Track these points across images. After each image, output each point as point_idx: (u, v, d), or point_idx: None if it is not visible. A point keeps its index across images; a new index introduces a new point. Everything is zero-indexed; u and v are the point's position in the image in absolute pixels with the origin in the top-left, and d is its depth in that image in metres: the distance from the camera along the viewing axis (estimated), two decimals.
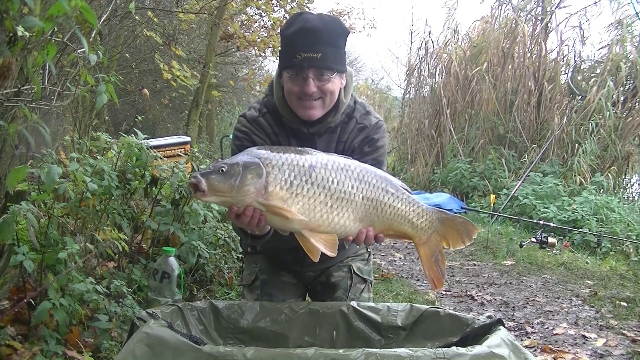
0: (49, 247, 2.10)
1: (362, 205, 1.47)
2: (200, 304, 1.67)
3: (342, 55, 1.69)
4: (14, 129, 1.88)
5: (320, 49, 1.60)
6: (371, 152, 1.82)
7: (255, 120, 1.81)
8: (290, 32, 1.65)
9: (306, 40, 1.60)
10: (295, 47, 1.62)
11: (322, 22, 1.63)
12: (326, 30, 1.62)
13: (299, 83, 1.65)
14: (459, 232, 1.62)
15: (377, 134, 1.83)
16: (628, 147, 7.74)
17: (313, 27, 1.61)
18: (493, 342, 1.34)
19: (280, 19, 8.99)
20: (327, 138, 1.80)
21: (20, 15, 1.88)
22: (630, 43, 8.24)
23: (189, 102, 9.07)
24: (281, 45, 1.72)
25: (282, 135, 1.80)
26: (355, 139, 1.82)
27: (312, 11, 10.31)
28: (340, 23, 1.70)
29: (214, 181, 1.36)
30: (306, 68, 1.62)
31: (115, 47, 6.47)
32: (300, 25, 1.62)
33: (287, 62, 1.66)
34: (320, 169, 1.43)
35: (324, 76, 1.64)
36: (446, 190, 8.81)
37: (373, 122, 1.84)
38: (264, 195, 1.38)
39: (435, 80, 10.58)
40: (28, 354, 1.89)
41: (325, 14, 1.69)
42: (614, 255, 5.52)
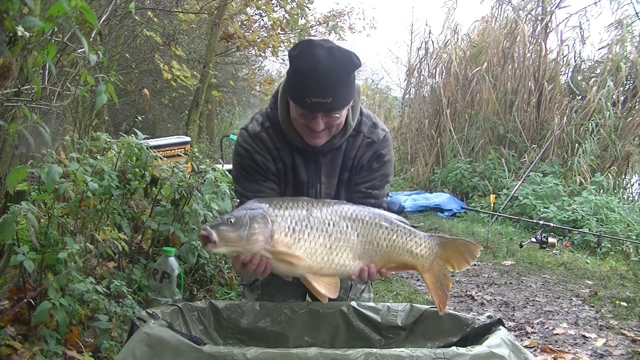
0: (49, 247, 2.10)
1: (359, 242, 1.52)
2: (200, 304, 1.67)
3: (352, 89, 1.63)
4: (14, 129, 1.88)
5: (330, 93, 1.54)
6: (379, 167, 1.81)
7: (257, 135, 1.76)
8: (300, 72, 1.57)
9: (316, 84, 1.53)
10: (305, 90, 1.55)
11: (333, 62, 1.54)
12: (337, 71, 1.54)
13: (307, 118, 1.61)
14: (461, 253, 1.62)
15: (385, 148, 1.82)
16: (628, 147, 7.74)
17: (324, 70, 1.52)
18: (493, 342, 1.34)
19: (280, 18, 8.99)
20: (332, 156, 1.77)
21: (20, 15, 1.88)
22: (630, 43, 8.24)
23: (189, 102, 9.08)
24: (289, 73, 1.63)
25: (285, 151, 1.77)
26: (364, 155, 1.79)
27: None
28: (350, 58, 1.59)
29: (224, 232, 1.42)
30: (315, 111, 1.58)
31: (115, 47, 6.47)
32: (310, 66, 1.53)
33: (295, 99, 1.61)
34: (317, 214, 1.50)
35: (332, 116, 1.61)
36: (446, 190, 8.81)
37: (381, 136, 1.81)
38: (270, 243, 1.45)
39: (435, 80, 10.58)
40: (28, 354, 1.89)
41: (336, 47, 1.57)
42: (614, 255, 5.52)
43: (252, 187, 1.78)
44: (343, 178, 1.83)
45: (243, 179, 1.80)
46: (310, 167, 1.79)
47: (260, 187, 1.77)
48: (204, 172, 3.10)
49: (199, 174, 3.08)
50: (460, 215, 7.74)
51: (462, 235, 6.56)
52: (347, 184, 1.84)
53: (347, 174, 1.82)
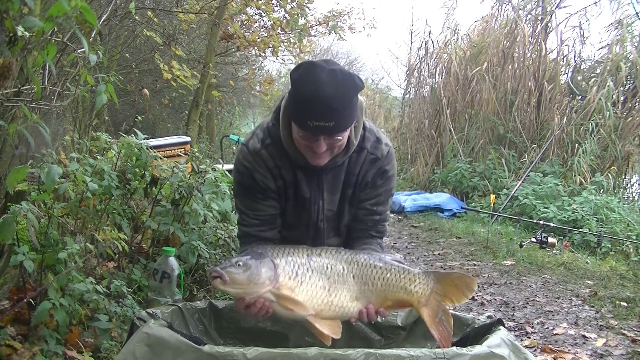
0: (49, 247, 2.10)
1: (355, 284, 1.57)
2: (200, 304, 1.67)
3: (354, 111, 1.62)
4: (14, 129, 1.88)
5: (332, 117, 1.53)
6: (384, 183, 1.82)
7: (258, 153, 1.75)
8: (302, 95, 1.55)
9: (318, 109, 1.52)
10: (307, 114, 1.54)
11: (335, 86, 1.52)
12: (339, 95, 1.53)
13: (309, 140, 1.60)
14: (457, 287, 1.63)
15: (389, 164, 1.81)
16: (628, 147, 7.73)
17: (326, 94, 1.51)
18: (493, 342, 1.34)
19: (280, 18, 8.99)
20: (334, 172, 1.76)
21: (20, 15, 1.88)
22: (630, 43, 8.24)
23: (189, 102, 9.08)
24: (291, 94, 1.60)
25: (286, 168, 1.75)
26: (368, 172, 1.78)
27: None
28: (353, 81, 1.57)
29: (234, 274, 1.48)
30: (317, 134, 1.57)
31: (115, 47, 6.47)
32: (313, 90, 1.51)
33: (297, 121, 1.59)
34: (316, 259, 1.57)
35: (334, 138, 1.60)
36: (446, 190, 8.81)
37: (385, 152, 1.80)
38: (275, 286, 1.51)
39: (435, 80, 10.58)
40: (28, 354, 1.89)
41: (338, 70, 1.55)
42: (614, 255, 5.52)
43: (251, 205, 1.79)
44: (347, 194, 1.81)
45: (242, 196, 1.81)
46: (313, 184, 1.78)
47: (259, 205, 1.78)
48: (204, 172, 3.10)
49: (199, 174, 3.08)
50: (460, 215, 7.74)
51: (463, 235, 6.56)
52: (352, 200, 1.83)
53: (350, 190, 1.81)
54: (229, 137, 7.28)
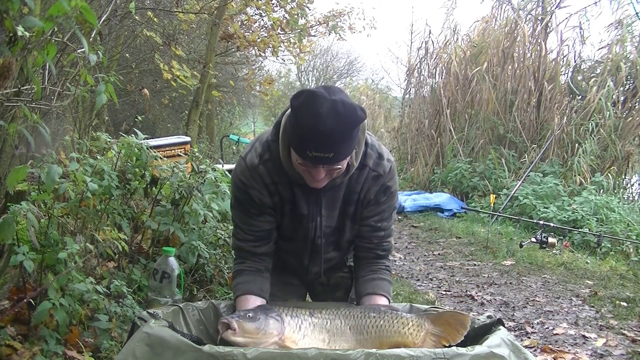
0: (49, 247, 2.10)
1: (351, 335, 1.62)
2: (201, 304, 1.67)
3: (355, 141, 1.59)
4: (14, 129, 1.88)
5: (332, 149, 1.51)
6: (386, 201, 1.81)
7: (255, 169, 1.72)
8: (301, 126, 1.50)
9: (318, 142, 1.49)
10: (306, 145, 1.52)
11: (336, 120, 1.47)
12: (340, 128, 1.49)
13: (308, 166, 1.58)
14: (451, 325, 1.63)
15: (391, 180, 1.80)
16: (628, 147, 7.73)
17: (326, 129, 1.46)
18: (493, 342, 1.34)
19: (280, 18, 8.99)
20: (332, 192, 1.75)
21: (20, 15, 1.88)
22: (630, 43, 8.24)
23: (189, 102, 9.08)
24: (291, 122, 1.56)
25: (284, 184, 1.73)
26: (371, 189, 1.76)
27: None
28: (355, 113, 1.52)
29: (244, 324, 1.53)
30: (316, 163, 1.55)
31: (115, 47, 6.47)
32: (313, 123, 1.47)
33: (296, 149, 1.56)
34: (318, 314, 1.64)
35: (334, 167, 1.59)
36: (446, 190, 8.81)
37: (387, 168, 1.77)
38: (281, 338, 1.56)
39: (435, 80, 10.58)
40: (28, 354, 1.89)
41: (339, 101, 1.50)
42: (614, 255, 5.52)
43: (246, 220, 1.80)
44: (348, 211, 1.80)
45: (238, 210, 1.81)
46: (311, 201, 1.76)
47: (254, 221, 1.78)
48: (204, 172, 3.10)
49: (199, 174, 3.08)
50: (460, 215, 7.74)
51: (463, 235, 6.56)
52: (353, 217, 1.82)
53: (352, 207, 1.79)
54: (229, 137, 7.29)
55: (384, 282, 1.81)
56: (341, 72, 21.82)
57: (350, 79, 21.10)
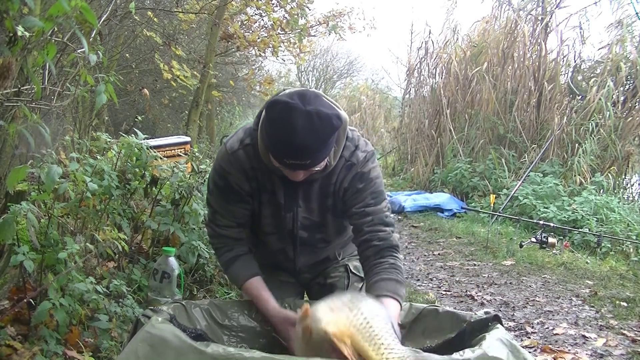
0: (49, 247, 2.10)
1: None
2: (203, 301, 1.68)
3: (331, 146, 1.60)
4: (14, 129, 1.88)
5: (308, 158, 1.53)
6: (365, 187, 1.74)
7: (234, 153, 1.73)
8: (277, 137, 1.52)
9: (293, 153, 1.52)
10: (282, 154, 1.54)
11: (312, 132, 1.48)
12: (315, 141, 1.50)
13: (286, 171, 1.61)
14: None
15: (366, 166, 1.75)
16: (628, 147, 7.73)
17: (301, 144, 1.48)
18: (491, 344, 1.33)
19: (280, 18, 8.99)
20: (309, 184, 1.75)
21: (20, 15, 1.88)
22: (630, 43, 8.23)
23: (189, 102, 9.07)
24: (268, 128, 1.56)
25: (262, 171, 1.74)
26: (345, 178, 1.74)
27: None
28: (330, 123, 1.51)
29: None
30: (293, 169, 1.58)
31: (115, 47, 6.46)
32: (288, 138, 1.48)
33: (272, 155, 1.58)
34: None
35: (312, 170, 1.61)
36: (446, 190, 8.81)
37: (360, 157, 1.75)
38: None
39: (435, 80, 10.57)
40: (28, 354, 1.89)
41: (314, 113, 1.47)
42: (614, 255, 5.52)
43: (225, 206, 1.79)
44: (327, 204, 1.79)
45: (217, 196, 1.81)
46: (288, 191, 1.76)
47: (232, 207, 1.78)
48: (204, 172, 3.10)
49: (199, 174, 3.08)
50: (460, 215, 7.74)
51: (463, 235, 6.56)
52: (334, 210, 1.80)
53: (330, 199, 1.78)
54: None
55: (389, 282, 1.69)
56: (341, 72, 21.82)
57: (350, 79, 21.10)
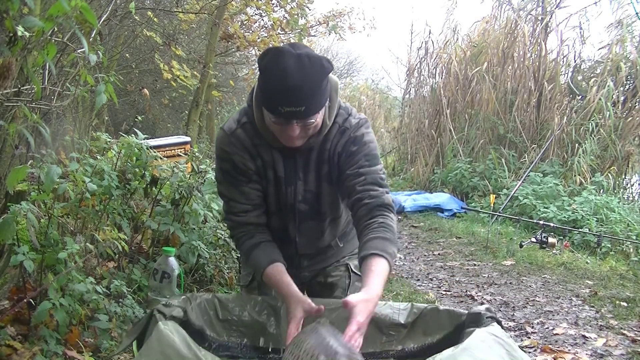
0: (49, 247, 2.10)
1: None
2: (206, 295, 1.67)
3: (325, 94, 1.60)
4: (14, 129, 1.88)
5: (302, 102, 1.52)
6: (359, 150, 1.72)
7: (234, 133, 1.73)
8: (270, 84, 1.53)
9: (287, 98, 1.51)
10: (276, 101, 1.53)
11: (303, 72, 1.50)
12: (307, 80, 1.51)
13: (282, 124, 1.58)
14: None
15: (359, 130, 1.75)
16: (628, 147, 7.74)
17: (294, 85, 1.49)
18: (484, 342, 1.33)
19: (280, 18, 8.99)
20: (307, 152, 1.75)
21: (20, 15, 1.88)
22: (630, 43, 8.24)
23: (189, 102, 9.07)
24: (260, 82, 1.59)
25: (264, 146, 1.73)
26: (338, 143, 1.74)
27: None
28: (321, 65, 1.55)
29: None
30: (289, 119, 1.56)
31: (115, 47, 6.47)
32: (280, 79, 1.50)
33: (267, 108, 1.58)
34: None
35: (307, 121, 1.59)
36: (446, 190, 8.81)
37: (353, 122, 1.75)
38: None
39: (435, 80, 10.58)
40: (28, 354, 1.89)
41: (304, 55, 1.52)
42: (614, 255, 5.52)
43: (237, 190, 1.76)
44: (322, 171, 1.78)
45: (227, 182, 1.78)
46: (288, 164, 1.76)
47: (245, 188, 1.75)
48: (204, 172, 3.10)
49: (199, 174, 3.08)
50: (460, 215, 7.74)
51: (463, 235, 6.56)
52: (328, 178, 1.79)
53: (326, 166, 1.77)
54: None
55: (376, 240, 1.61)
56: (341, 72, 21.81)
57: (350, 79, 21.10)
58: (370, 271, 1.53)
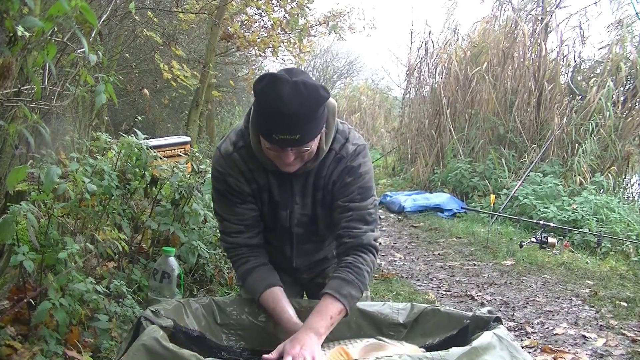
0: (49, 247, 2.10)
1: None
2: (203, 300, 1.67)
3: (321, 122, 1.59)
4: (14, 129, 1.88)
5: (298, 130, 1.51)
6: (353, 181, 1.72)
7: (230, 156, 1.73)
8: (265, 110, 1.52)
9: (282, 124, 1.50)
10: (271, 128, 1.52)
11: (299, 101, 1.48)
12: (303, 109, 1.49)
13: (277, 151, 1.58)
14: None
15: (356, 160, 1.73)
16: (628, 147, 7.73)
17: (289, 110, 1.47)
18: (487, 341, 1.33)
19: (280, 18, 8.99)
20: (304, 176, 1.74)
21: (20, 15, 1.88)
22: (630, 43, 8.23)
23: (189, 102, 9.07)
24: (255, 107, 1.58)
25: (259, 171, 1.73)
26: (334, 171, 1.73)
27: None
28: (317, 93, 1.52)
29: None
30: (284, 146, 1.55)
31: (115, 47, 6.47)
32: (276, 106, 1.48)
33: (262, 134, 1.57)
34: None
35: (302, 149, 1.58)
36: (446, 190, 8.80)
37: (350, 150, 1.73)
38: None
39: (435, 80, 10.57)
40: (28, 354, 1.89)
41: (301, 82, 1.49)
42: (614, 255, 5.52)
43: (231, 210, 1.77)
44: (318, 197, 1.78)
45: (221, 202, 1.79)
46: (284, 188, 1.75)
47: (239, 209, 1.76)
48: (204, 172, 3.10)
49: (199, 174, 3.08)
50: (460, 215, 7.74)
51: (463, 235, 6.56)
52: (323, 203, 1.79)
53: (320, 193, 1.77)
54: None
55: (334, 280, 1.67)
56: (341, 72, 21.81)
57: (350, 79, 21.10)
58: (314, 311, 1.61)
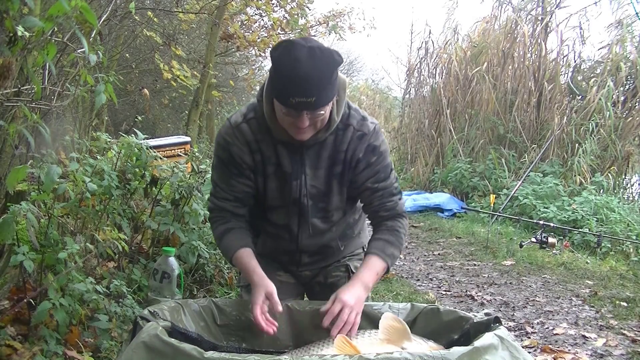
0: (49, 247, 2.10)
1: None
2: (202, 301, 1.67)
3: (334, 86, 1.64)
4: (14, 129, 1.88)
5: (313, 92, 1.56)
6: (378, 160, 1.81)
7: (238, 126, 1.78)
8: (282, 74, 1.57)
9: (299, 86, 1.55)
10: (288, 91, 1.56)
11: (314, 63, 1.55)
12: (318, 71, 1.56)
13: (292, 116, 1.62)
14: None
15: (378, 139, 1.82)
16: (628, 147, 7.73)
17: (306, 71, 1.53)
18: (489, 342, 1.33)
19: (280, 18, 8.99)
20: (316, 148, 1.78)
21: (20, 15, 1.88)
22: (630, 43, 8.24)
23: (189, 102, 9.07)
24: (272, 74, 1.64)
25: (266, 142, 1.77)
26: (357, 149, 1.79)
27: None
28: (332, 57, 1.60)
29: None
30: (300, 109, 1.59)
31: (115, 47, 6.47)
32: (292, 68, 1.54)
33: (279, 99, 1.61)
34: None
35: (317, 113, 1.62)
36: (446, 190, 8.81)
37: (371, 128, 1.81)
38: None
39: (435, 80, 10.58)
40: (28, 354, 1.89)
41: (317, 47, 1.57)
42: (614, 255, 5.52)
43: (226, 179, 1.82)
44: (334, 171, 1.82)
45: (219, 170, 1.84)
46: (295, 159, 1.78)
47: (233, 181, 1.81)
48: (204, 172, 3.10)
49: (199, 174, 3.08)
50: (460, 215, 7.74)
51: (463, 235, 6.56)
52: (341, 179, 1.83)
53: (339, 167, 1.81)
54: None
55: (377, 241, 1.81)
56: (341, 72, 21.81)
57: (350, 79, 21.08)
58: (363, 266, 1.77)
